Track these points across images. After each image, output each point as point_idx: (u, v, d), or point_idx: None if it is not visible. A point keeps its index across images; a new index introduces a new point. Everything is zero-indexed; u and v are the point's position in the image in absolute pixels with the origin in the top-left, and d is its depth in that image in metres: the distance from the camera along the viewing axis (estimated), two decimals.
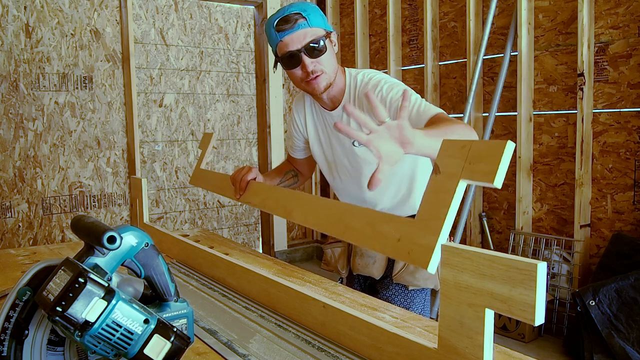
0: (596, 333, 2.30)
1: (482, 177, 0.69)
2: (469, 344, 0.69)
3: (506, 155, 0.68)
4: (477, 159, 0.71)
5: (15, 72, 3.03)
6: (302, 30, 1.36)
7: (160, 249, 0.84)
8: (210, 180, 1.79)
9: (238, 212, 4.01)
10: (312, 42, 1.36)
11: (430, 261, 0.74)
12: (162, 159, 3.63)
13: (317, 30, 1.37)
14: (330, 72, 1.43)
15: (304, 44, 1.36)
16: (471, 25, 3.07)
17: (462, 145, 0.73)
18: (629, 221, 2.54)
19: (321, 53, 1.38)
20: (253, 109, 4.02)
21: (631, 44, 2.48)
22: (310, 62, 1.39)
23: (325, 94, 1.47)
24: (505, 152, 0.67)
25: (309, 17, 1.37)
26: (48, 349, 0.73)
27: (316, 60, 1.39)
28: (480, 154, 0.71)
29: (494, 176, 0.68)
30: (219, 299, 1.21)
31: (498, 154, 0.68)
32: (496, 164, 0.68)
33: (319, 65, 1.40)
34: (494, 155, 0.68)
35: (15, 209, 3.10)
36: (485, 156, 0.70)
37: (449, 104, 3.34)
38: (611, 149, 2.58)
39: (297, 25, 1.36)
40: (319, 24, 1.38)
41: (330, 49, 1.42)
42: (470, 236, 3.17)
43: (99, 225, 0.72)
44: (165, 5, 3.57)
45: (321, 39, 1.37)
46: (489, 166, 0.69)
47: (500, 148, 0.68)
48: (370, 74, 1.49)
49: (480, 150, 0.71)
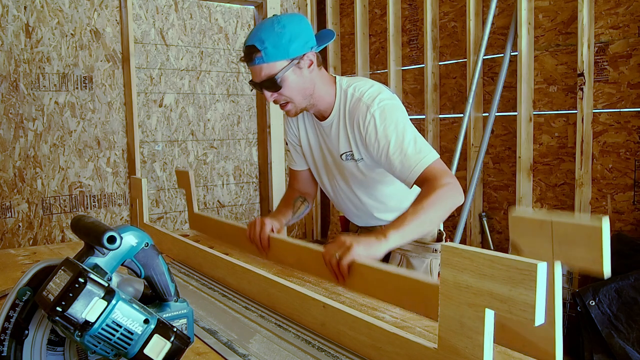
0: (596, 333, 2.30)
1: (584, 263, 0.66)
2: (469, 344, 0.69)
3: (605, 240, 0.64)
4: (568, 240, 0.67)
5: (15, 72, 3.03)
6: (259, 66, 1.34)
7: (160, 249, 0.84)
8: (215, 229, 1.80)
9: (238, 212, 4.01)
10: (267, 79, 1.35)
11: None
12: (162, 159, 3.63)
13: (274, 65, 1.34)
14: (298, 100, 1.41)
15: (261, 79, 1.36)
16: (471, 25, 3.07)
17: (540, 224, 0.70)
18: (629, 221, 2.54)
19: (278, 88, 1.36)
20: (253, 109, 4.02)
21: (631, 44, 2.48)
22: (270, 95, 1.39)
23: (312, 109, 1.47)
24: (604, 236, 0.64)
25: (266, 51, 1.32)
26: (48, 349, 0.73)
27: (277, 93, 1.38)
28: (569, 234, 0.66)
29: (601, 267, 0.65)
30: (219, 299, 1.21)
31: (597, 239, 0.64)
32: (599, 251, 0.64)
33: (281, 97, 1.39)
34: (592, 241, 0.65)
35: (15, 209, 3.10)
36: (581, 240, 0.66)
37: (449, 104, 3.34)
38: (611, 149, 2.58)
39: (254, 60, 1.34)
40: (277, 57, 1.33)
41: (294, 78, 1.37)
42: (470, 236, 3.17)
43: (99, 225, 0.72)
44: (165, 5, 3.57)
45: (279, 74, 1.34)
46: (591, 253, 0.65)
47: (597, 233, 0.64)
48: (362, 88, 1.43)
49: (566, 229, 0.67)
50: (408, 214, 1.25)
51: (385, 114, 1.36)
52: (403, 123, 1.37)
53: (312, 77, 1.41)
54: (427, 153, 1.33)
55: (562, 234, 0.68)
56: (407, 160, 1.33)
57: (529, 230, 0.71)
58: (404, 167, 1.33)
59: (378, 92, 1.41)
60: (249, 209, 4.07)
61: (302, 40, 1.37)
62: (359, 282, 1.18)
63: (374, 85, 1.45)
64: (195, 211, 1.92)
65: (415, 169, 1.32)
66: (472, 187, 3.06)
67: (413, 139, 1.35)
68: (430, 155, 1.33)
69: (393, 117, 1.36)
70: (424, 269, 1.52)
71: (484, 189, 3.18)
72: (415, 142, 1.34)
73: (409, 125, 1.39)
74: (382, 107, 1.37)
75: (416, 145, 1.34)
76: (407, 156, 1.33)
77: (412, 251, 1.53)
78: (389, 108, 1.38)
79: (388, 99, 1.40)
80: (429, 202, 1.24)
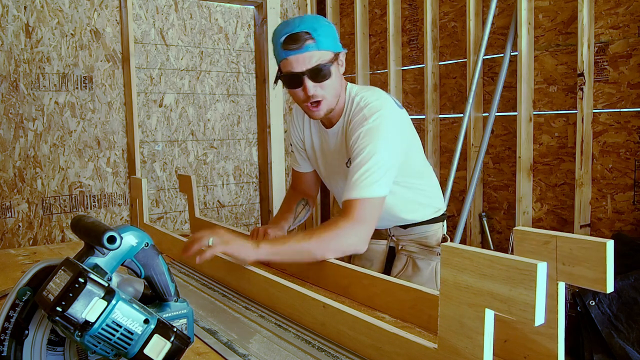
0: (596, 333, 2.30)
1: (588, 283, 0.66)
2: (469, 344, 0.69)
3: (609, 258, 0.64)
4: (572, 260, 0.67)
5: (15, 72, 3.03)
6: (309, 53, 1.29)
7: (160, 249, 0.84)
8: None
9: (238, 212, 4.01)
10: (317, 66, 1.29)
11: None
12: (162, 159, 3.63)
13: (325, 53, 1.30)
14: (332, 98, 1.37)
15: (309, 67, 1.30)
16: (471, 25, 3.07)
17: (545, 241, 0.70)
18: (629, 221, 2.54)
19: (325, 78, 1.32)
20: (253, 109, 4.02)
21: (631, 44, 2.48)
22: (313, 87, 1.32)
23: (329, 113, 1.41)
24: (607, 254, 0.64)
25: (319, 39, 1.29)
26: (48, 349, 0.73)
27: (319, 85, 1.33)
28: (574, 254, 0.67)
29: (604, 285, 0.65)
30: (219, 299, 1.21)
31: (600, 257, 0.64)
32: (603, 272, 0.65)
33: (321, 91, 1.34)
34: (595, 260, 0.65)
35: (15, 209, 3.10)
36: (584, 259, 0.66)
37: (449, 104, 3.34)
38: (611, 149, 2.58)
39: (305, 47, 1.28)
40: (328, 47, 1.31)
41: (336, 74, 1.35)
42: (470, 236, 3.17)
43: (99, 225, 0.72)
44: (165, 5, 3.57)
45: (328, 64, 1.31)
46: (595, 273, 0.65)
47: (601, 250, 0.64)
48: (368, 99, 1.39)
49: (571, 249, 0.67)
50: (293, 238, 1.25)
51: (375, 131, 1.32)
52: (384, 147, 1.32)
53: (342, 78, 1.40)
54: (374, 187, 1.28)
55: (565, 253, 0.68)
56: (356, 181, 1.29)
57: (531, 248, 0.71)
58: (350, 184, 1.30)
59: (380, 107, 1.37)
60: (249, 209, 4.07)
61: (338, 37, 1.37)
62: (360, 292, 1.18)
63: (381, 97, 1.41)
64: (196, 215, 1.92)
65: (352, 192, 1.29)
66: (472, 187, 3.06)
67: (378, 167, 1.30)
68: (375, 190, 1.28)
69: (380, 137, 1.32)
70: (429, 271, 1.52)
71: (484, 189, 3.18)
72: (376, 172, 1.29)
73: (390, 150, 1.33)
74: (378, 124, 1.34)
75: (374, 175, 1.29)
76: (359, 178, 1.29)
77: (418, 253, 1.53)
78: (383, 127, 1.34)
79: (387, 117, 1.35)
80: (321, 237, 1.24)
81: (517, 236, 0.74)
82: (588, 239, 0.66)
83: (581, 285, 0.68)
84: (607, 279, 0.65)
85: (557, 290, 0.70)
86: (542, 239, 0.70)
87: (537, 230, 0.71)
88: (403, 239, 1.56)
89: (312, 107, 1.37)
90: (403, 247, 1.55)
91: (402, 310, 1.07)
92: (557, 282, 0.70)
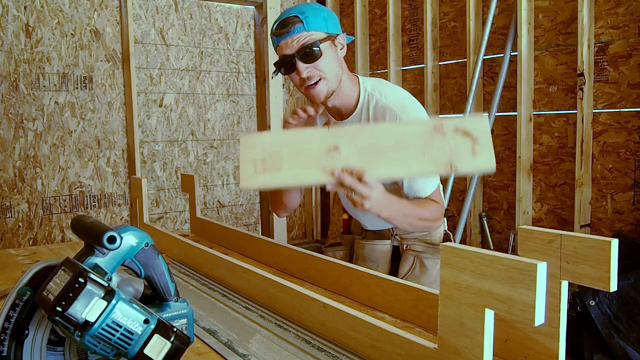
0: (596, 333, 2.30)
1: (591, 281, 0.67)
2: (468, 344, 0.69)
3: (613, 256, 0.64)
4: (576, 258, 0.67)
5: (15, 72, 3.03)
6: (297, 35, 1.31)
7: (160, 249, 0.84)
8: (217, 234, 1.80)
9: (238, 212, 4.02)
10: (306, 46, 1.30)
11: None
12: (162, 159, 3.63)
13: (314, 33, 1.32)
14: (331, 78, 1.36)
15: (297, 48, 1.31)
16: (471, 25, 3.07)
17: (549, 240, 0.70)
18: (629, 221, 2.54)
19: (316, 58, 1.31)
20: (253, 109, 4.02)
21: (631, 44, 2.48)
22: (305, 68, 1.33)
23: (329, 101, 1.41)
24: (612, 253, 0.64)
25: (307, 20, 1.31)
26: (48, 349, 0.73)
27: (312, 65, 1.32)
28: (579, 253, 0.67)
29: (608, 284, 0.65)
30: (219, 299, 1.21)
31: (604, 255, 0.65)
32: (607, 270, 0.65)
33: (316, 71, 1.33)
34: (599, 258, 0.65)
35: (15, 209, 3.10)
36: (588, 257, 0.66)
37: (449, 104, 3.34)
38: (611, 149, 2.58)
39: (293, 29, 1.30)
40: (317, 27, 1.32)
41: (331, 53, 1.35)
42: (470, 236, 3.17)
43: (99, 225, 0.72)
44: (165, 5, 3.57)
45: (317, 42, 1.31)
46: (598, 272, 0.65)
47: (606, 249, 0.64)
48: (389, 94, 1.41)
49: (575, 248, 0.67)
50: (410, 204, 1.36)
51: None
52: None
53: (343, 62, 1.41)
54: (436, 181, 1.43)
55: (570, 252, 0.68)
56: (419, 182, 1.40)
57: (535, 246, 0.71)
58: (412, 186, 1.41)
59: (406, 102, 1.41)
60: (249, 209, 4.07)
61: (336, 21, 1.39)
62: (361, 292, 1.19)
63: (401, 91, 1.45)
64: (197, 215, 1.93)
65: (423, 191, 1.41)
66: (472, 187, 3.06)
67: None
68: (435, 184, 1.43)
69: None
70: (437, 270, 1.51)
71: (484, 189, 3.18)
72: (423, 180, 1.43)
73: None
74: (413, 117, 1.39)
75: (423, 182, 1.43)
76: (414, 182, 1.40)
77: (425, 252, 1.53)
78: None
79: (416, 112, 1.40)
80: (426, 210, 1.38)
81: (521, 235, 0.74)
82: (593, 238, 0.66)
83: (585, 284, 0.68)
84: (611, 278, 0.65)
85: (560, 289, 0.70)
86: (546, 238, 0.70)
87: (541, 229, 0.71)
88: (407, 237, 1.55)
89: (310, 90, 1.37)
90: (409, 247, 1.54)
91: (403, 310, 1.07)
92: (560, 281, 0.70)
